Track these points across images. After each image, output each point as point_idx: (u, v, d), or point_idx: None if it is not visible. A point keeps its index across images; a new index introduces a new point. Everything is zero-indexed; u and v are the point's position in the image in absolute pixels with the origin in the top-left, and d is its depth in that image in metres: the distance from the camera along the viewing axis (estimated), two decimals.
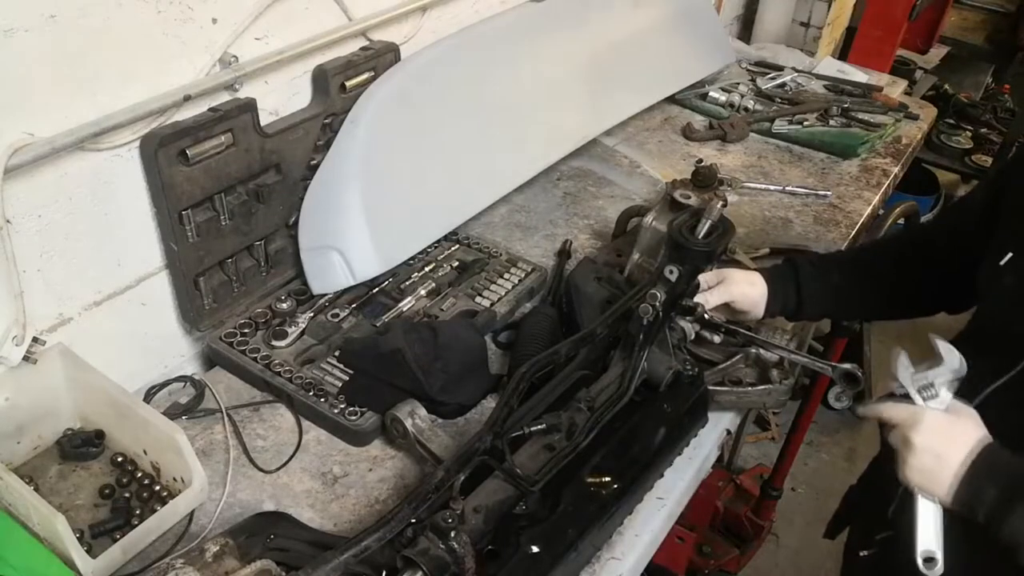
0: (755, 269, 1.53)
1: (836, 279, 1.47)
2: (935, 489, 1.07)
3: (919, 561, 1.08)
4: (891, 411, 1.13)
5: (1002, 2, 4.25)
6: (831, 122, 2.45)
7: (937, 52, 3.97)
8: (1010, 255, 1.17)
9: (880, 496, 1.32)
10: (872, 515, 1.39)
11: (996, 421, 1.10)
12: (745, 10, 3.30)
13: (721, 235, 1.40)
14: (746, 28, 3.30)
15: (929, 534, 1.08)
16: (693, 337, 1.47)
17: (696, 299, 1.42)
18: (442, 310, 1.62)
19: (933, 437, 1.07)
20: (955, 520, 1.08)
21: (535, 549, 1.11)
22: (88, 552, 1.13)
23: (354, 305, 1.62)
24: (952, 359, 1.10)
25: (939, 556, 1.07)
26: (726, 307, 1.46)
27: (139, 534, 1.18)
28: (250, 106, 1.44)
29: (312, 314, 1.58)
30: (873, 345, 3.15)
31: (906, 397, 1.12)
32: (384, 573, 1.06)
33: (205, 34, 1.36)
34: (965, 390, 1.15)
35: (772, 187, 2.18)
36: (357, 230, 1.60)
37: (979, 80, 4.43)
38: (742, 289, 1.45)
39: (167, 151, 1.33)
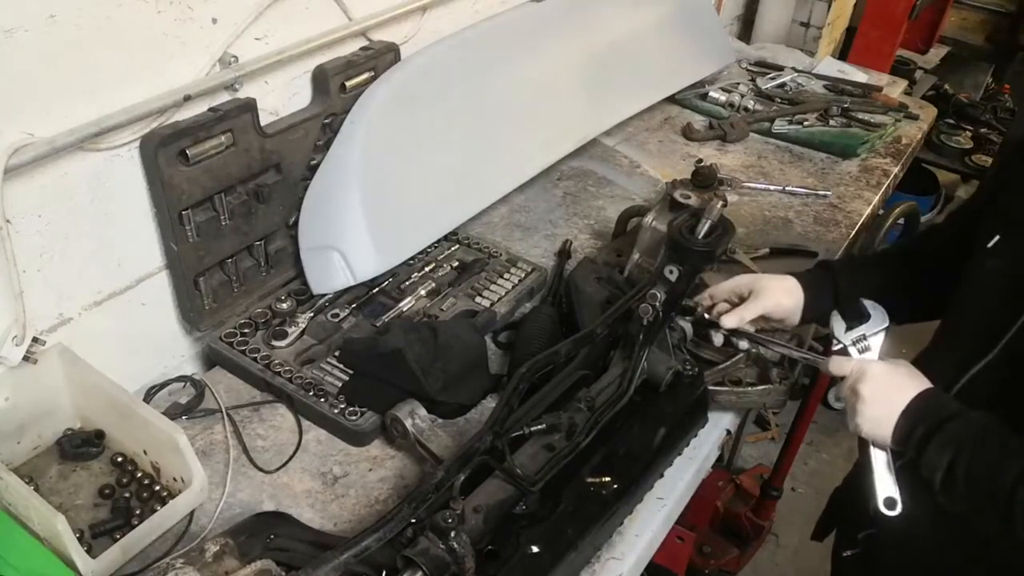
0: (790, 274, 1.45)
1: (875, 285, 1.41)
2: (883, 433, 1.14)
3: (881, 506, 1.15)
4: (839, 364, 1.21)
5: (1002, 2, 4.25)
6: (831, 122, 2.45)
7: (937, 52, 3.97)
8: (997, 238, 1.17)
9: (863, 496, 1.32)
10: (855, 514, 1.39)
11: (981, 406, 1.11)
12: (745, 10, 3.30)
13: (721, 235, 1.40)
14: (746, 28, 3.30)
15: (887, 480, 1.16)
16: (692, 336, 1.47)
17: (729, 316, 1.36)
18: (442, 310, 1.62)
19: (880, 386, 1.15)
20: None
21: (535, 549, 1.11)
22: (88, 552, 1.13)
23: (354, 305, 1.62)
24: (877, 314, 1.25)
25: (898, 498, 1.15)
26: (760, 318, 1.40)
27: (139, 534, 1.18)
28: (250, 106, 1.44)
29: (312, 314, 1.58)
30: None
31: (844, 351, 1.24)
32: (384, 573, 1.06)
33: (205, 34, 1.36)
34: (949, 376, 1.17)
35: (772, 187, 2.18)
36: (357, 230, 1.60)
37: (979, 80, 4.43)
38: (777, 300, 1.38)
39: (167, 151, 1.33)
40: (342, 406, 1.40)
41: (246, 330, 1.54)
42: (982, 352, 1.14)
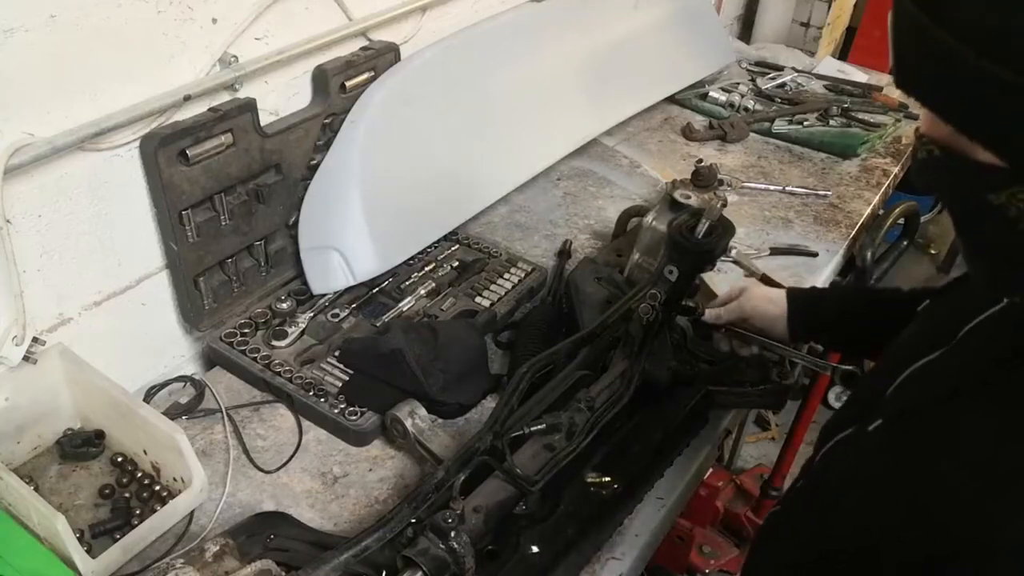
0: (785, 287, 1.47)
1: (860, 319, 1.37)
2: None
3: None
4: None
5: None
6: (831, 122, 2.45)
7: None
8: (927, 302, 1.04)
9: None
10: None
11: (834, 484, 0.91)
12: (745, 10, 3.31)
13: (721, 235, 1.40)
14: (746, 28, 3.30)
15: None
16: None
17: (710, 313, 1.42)
18: (442, 310, 1.62)
19: None
20: None
21: (535, 549, 1.11)
22: (88, 552, 1.13)
23: (354, 305, 1.62)
24: None
25: None
26: (744, 321, 1.43)
27: (139, 534, 1.18)
28: (250, 106, 1.44)
29: (312, 314, 1.58)
30: None
31: None
32: (384, 573, 1.06)
33: (205, 34, 1.36)
34: (828, 435, 0.95)
35: (772, 187, 2.18)
36: (357, 230, 1.60)
37: None
38: (756, 304, 1.41)
39: (167, 151, 1.33)
40: (342, 406, 1.40)
41: (246, 330, 1.54)
42: (850, 421, 0.93)
